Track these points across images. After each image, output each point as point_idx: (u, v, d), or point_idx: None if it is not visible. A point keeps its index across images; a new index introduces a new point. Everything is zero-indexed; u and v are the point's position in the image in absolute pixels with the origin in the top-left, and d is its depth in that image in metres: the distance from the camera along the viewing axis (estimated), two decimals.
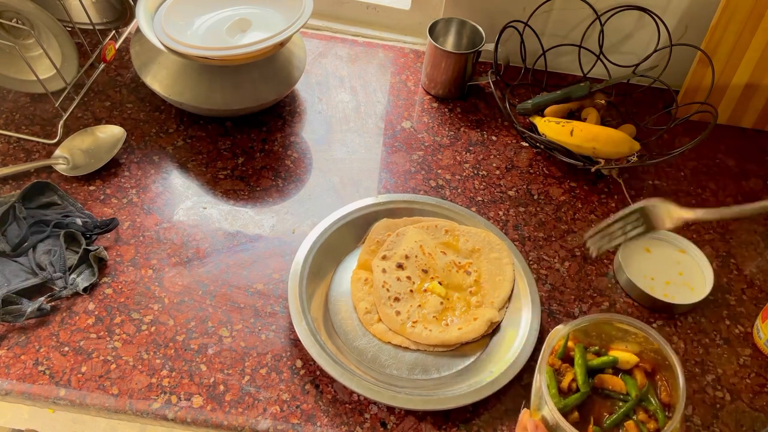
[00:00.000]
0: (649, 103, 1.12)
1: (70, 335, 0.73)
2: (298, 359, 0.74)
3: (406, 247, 0.83)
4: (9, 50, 0.91)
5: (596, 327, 0.67)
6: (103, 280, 0.79)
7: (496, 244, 0.85)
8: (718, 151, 1.07)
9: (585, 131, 0.95)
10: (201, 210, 0.88)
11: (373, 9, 1.17)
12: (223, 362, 0.73)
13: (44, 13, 0.85)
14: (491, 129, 1.05)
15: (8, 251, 0.78)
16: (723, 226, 0.96)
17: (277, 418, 0.70)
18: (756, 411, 0.76)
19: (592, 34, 1.08)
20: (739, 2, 0.98)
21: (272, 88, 0.96)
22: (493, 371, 0.73)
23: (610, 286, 0.86)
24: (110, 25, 1.04)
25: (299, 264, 0.79)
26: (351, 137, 1.00)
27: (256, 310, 0.78)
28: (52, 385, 0.69)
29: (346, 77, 1.10)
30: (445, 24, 1.09)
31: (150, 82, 0.93)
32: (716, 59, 1.03)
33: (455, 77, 1.06)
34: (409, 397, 0.70)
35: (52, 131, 0.93)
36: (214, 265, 0.82)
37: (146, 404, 0.69)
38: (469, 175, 0.97)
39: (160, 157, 0.93)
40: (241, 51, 0.88)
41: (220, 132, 0.98)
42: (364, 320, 0.79)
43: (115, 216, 0.84)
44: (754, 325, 0.83)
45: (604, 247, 0.76)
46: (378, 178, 0.95)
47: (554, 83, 1.12)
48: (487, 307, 0.80)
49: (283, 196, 0.91)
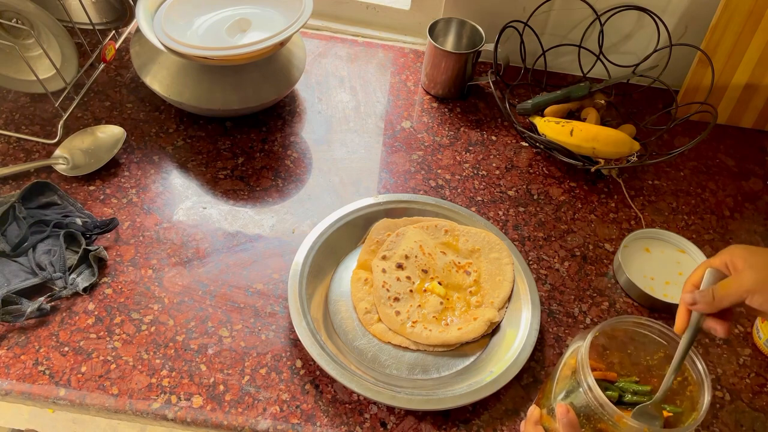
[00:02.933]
0: (648, 103, 1.12)
1: (70, 335, 0.73)
2: (298, 359, 0.74)
3: (406, 247, 0.83)
4: (9, 50, 0.90)
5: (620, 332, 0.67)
6: (103, 280, 0.79)
7: (496, 244, 0.85)
8: (718, 151, 1.07)
9: (585, 131, 0.95)
10: (201, 210, 0.88)
11: (373, 9, 1.17)
12: (223, 362, 0.73)
13: (44, 13, 0.85)
14: (491, 129, 1.05)
15: (8, 251, 0.78)
16: (723, 226, 0.96)
17: (277, 418, 0.70)
18: (756, 411, 0.76)
19: (591, 34, 1.08)
20: (739, 2, 0.98)
21: (272, 88, 0.96)
22: (493, 371, 0.73)
23: (609, 286, 0.86)
24: (110, 25, 1.04)
25: (299, 264, 0.79)
26: (351, 137, 1.00)
27: (256, 310, 0.78)
28: (51, 385, 0.69)
29: (345, 77, 1.10)
30: (445, 24, 1.09)
31: (150, 82, 0.93)
32: (716, 59, 1.03)
33: (455, 77, 1.06)
34: (409, 397, 0.70)
35: (51, 131, 0.93)
36: (213, 265, 0.82)
37: (146, 404, 0.69)
38: (469, 175, 0.97)
39: (160, 157, 0.93)
40: (241, 51, 0.88)
41: (220, 132, 0.98)
42: (364, 320, 0.79)
43: (114, 216, 0.84)
44: (754, 325, 0.83)
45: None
46: (378, 178, 0.95)
47: (554, 83, 1.12)
48: (487, 307, 0.80)
49: (283, 196, 0.91)
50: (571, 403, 0.61)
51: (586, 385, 0.59)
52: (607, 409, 0.58)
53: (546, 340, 0.80)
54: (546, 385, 0.69)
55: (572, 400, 0.61)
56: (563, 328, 0.81)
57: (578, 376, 0.60)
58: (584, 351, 0.60)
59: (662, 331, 0.66)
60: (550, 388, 0.66)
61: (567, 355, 0.65)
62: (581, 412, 0.60)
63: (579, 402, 0.61)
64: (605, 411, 0.58)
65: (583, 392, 0.59)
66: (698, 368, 0.63)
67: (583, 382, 0.59)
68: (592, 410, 0.59)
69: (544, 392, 0.69)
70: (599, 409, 0.58)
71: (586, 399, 0.59)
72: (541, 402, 0.68)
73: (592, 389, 0.58)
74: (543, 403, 0.67)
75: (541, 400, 0.68)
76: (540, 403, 0.68)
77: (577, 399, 0.61)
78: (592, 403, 0.59)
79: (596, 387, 0.58)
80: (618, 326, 0.66)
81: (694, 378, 0.64)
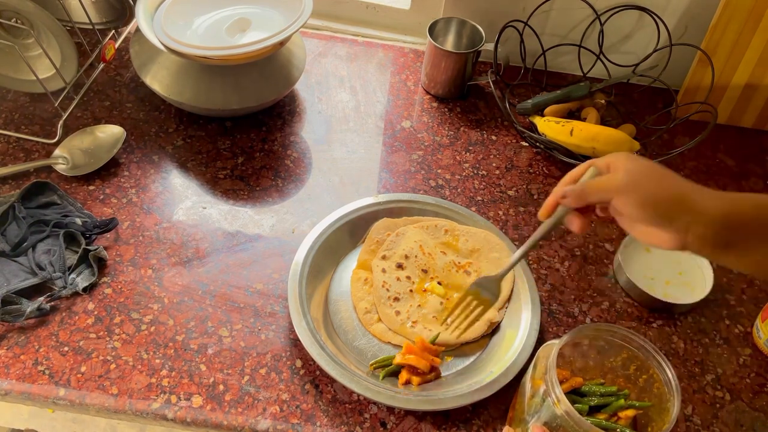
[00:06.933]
0: (648, 103, 1.12)
1: (70, 335, 0.73)
2: (298, 359, 0.74)
3: (406, 246, 0.83)
4: (9, 50, 0.90)
5: (590, 337, 0.68)
6: (103, 279, 0.79)
7: (496, 244, 0.85)
8: (718, 150, 1.07)
9: (585, 131, 0.95)
10: (200, 210, 0.88)
11: (372, 9, 1.17)
12: (222, 362, 0.73)
13: (44, 12, 0.85)
14: (491, 129, 1.05)
15: (8, 251, 0.78)
16: None
17: (277, 418, 0.69)
18: (756, 411, 0.76)
19: (591, 34, 1.08)
20: (739, 2, 0.98)
21: (272, 88, 0.96)
22: (493, 371, 0.73)
23: (610, 286, 0.86)
24: (110, 25, 1.04)
25: (299, 264, 0.79)
26: (351, 137, 1.00)
27: (256, 310, 0.78)
28: (51, 385, 0.69)
29: (345, 77, 1.10)
30: (445, 24, 1.09)
31: (150, 82, 0.93)
32: (716, 59, 1.03)
33: (455, 77, 1.06)
34: (408, 397, 0.70)
35: (51, 131, 0.93)
36: (213, 265, 0.82)
37: (146, 404, 0.69)
38: (469, 174, 0.97)
39: (160, 156, 0.93)
40: (241, 51, 0.88)
41: (219, 132, 0.98)
42: (364, 320, 0.79)
43: (114, 216, 0.84)
44: (754, 324, 0.83)
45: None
46: (378, 177, 0.95)
47: (554, 83, 1.12)
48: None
49: (283, 195, 0.91)
50: (545, 422, 0.61)
51: (555, 398, 0.60)
52: (584, 426, 0.58)
53: (546, 340, 0.79)
54: (516, 401, 0.69)
55: (545, 416, 0.61)
56: (563, 328, 0.81)
57: (548, 392, 0.60)
58: (552, 366, 0.61)
59: (625, 335, 0.67)
60: (520, 404, 0.66)
61: (533, 368, 0.65)
62: (552, 426, 0.61)
63: (551, 418, 0.61)
64: (582, 427, 0.58)
65: (557, 411, 0.60)
66: (668, 375, 0.64)
67: (556, 401, 0.60)
68: (564, 424, 0.59)
69: (514, 409, 0.69)
70: (574, 426, 0.59)
71: (559, 414, 0.59)
72: (513, 421, 0.68)
73: (569, 414, 0.59)
74: (515, 422, 0.67)
75: (513, 419, 0.68)
76: (512, 421, 0.68)
77: (548, 415, 0.61)
78: (565, 419, 0.59)
79: (572, 409, 0.58)
80: (584, 335, 0.67)
81: (660, 377, 0.65)
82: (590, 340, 0.69)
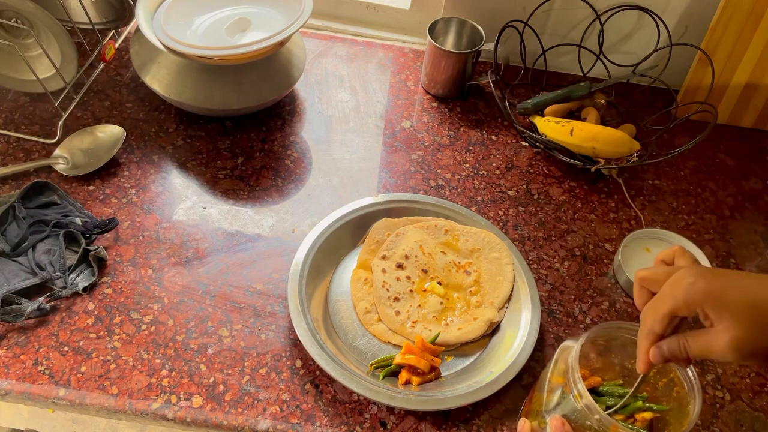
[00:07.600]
0: (648, 103, 1.12)
1: (70, 335, 0.73)
2: (298, 359, 0.74)
3: (406, 246, 0.83)
4: (8, 50, 0.90)
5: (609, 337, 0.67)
6: (103, 279, 0.79)
7: (496, 244, 0.85)
8: (718, 150, 1.07)
9: (585, 131, 0.95)
10: (200, 210, 0.88)
11: (372, 8, 1.17)
12: (222, 362, 0.73)
13: (44, 12, 0.85)
14: (491, 129, 1.05)
15: (8, 251, 0.78)
16: (723, 226, 0.96)
17: (277, 418, 0.69)
18: (756, 411, 0.76)
19: (592, 34, 1.08)
20: (739, 2, 0.98)
21: (272, 88, 0.96)
22: (493, 371, 0.73)
23: (609, 286, 0.86)
24: (110, 25, 1.04)
25: (299, 264, 0.79)
26: (351, 137, 1.00)
27: (256, 310, 0.78)
28: (51, 385, 0.69)
29: (345, 77, 1.10)
30: (445, 24, 1.09)
31: (149, 82, 0.93)
32: (716, 59, 1.03)
33: (455, 77, 1.06)
34: (408, 397, 0.70)
35: (51, 131, 0.93)
36: (213, 265, 0.82)
37: (146, 404, 0.69)
38: (469, 174, 0.97)
39: (160, 156, 0.93)
40: (241, 51, 0.88)
41: (219, 132, 0.98)
42: (364, 320, 0.79)
43: (114, 216, 0.84)
44: None
45: None
46: (378, 177, 0.95)
47: (554, 83, 1.12)
48: (487, 307, 0.80)
49: (283, 195, 0.91)
50: (564, 414, 0.61)
51: (577, 392, 0.59)
52: (605, 421, 0.58)
53: (546, 340, 0.80)
54: (533, 396, 0.68)
55: (563, 411, 0.61)
56: (563, 328, 0.81)
57: (570, 387, 0.60)
58: (574, 361, 0.60)
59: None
60: (538, 398, 0.66)
61: (553, 365, 0.65)
62: (572, 420, 0.60)
63: (571, 412, 0.60)
64: (603, 422, 0.58)
65: (577, 405, 0.59)
66: (689, 376, 0.63)
67: (577, 395, 0.59)
68: (583, 419, 0.59)
69: (531, 403, 0.68)
70: (595, 420, 0.58)
71: (579, 409, 0.59)
72: (530, 414, 0.68)
73: (590, 407, 0.58)
74: (532, 415, 0.67)
75: (530, 413, 0.68)
76: (528, 414, 0.68)
77: (568, 409, 0.61)
78: (585, 413, 0.58)
79: (591, 400, 0.58)
80: (603, 333, 0.66)
81: (681, 379, 0.64)
82: (610, 340, 0.68)
